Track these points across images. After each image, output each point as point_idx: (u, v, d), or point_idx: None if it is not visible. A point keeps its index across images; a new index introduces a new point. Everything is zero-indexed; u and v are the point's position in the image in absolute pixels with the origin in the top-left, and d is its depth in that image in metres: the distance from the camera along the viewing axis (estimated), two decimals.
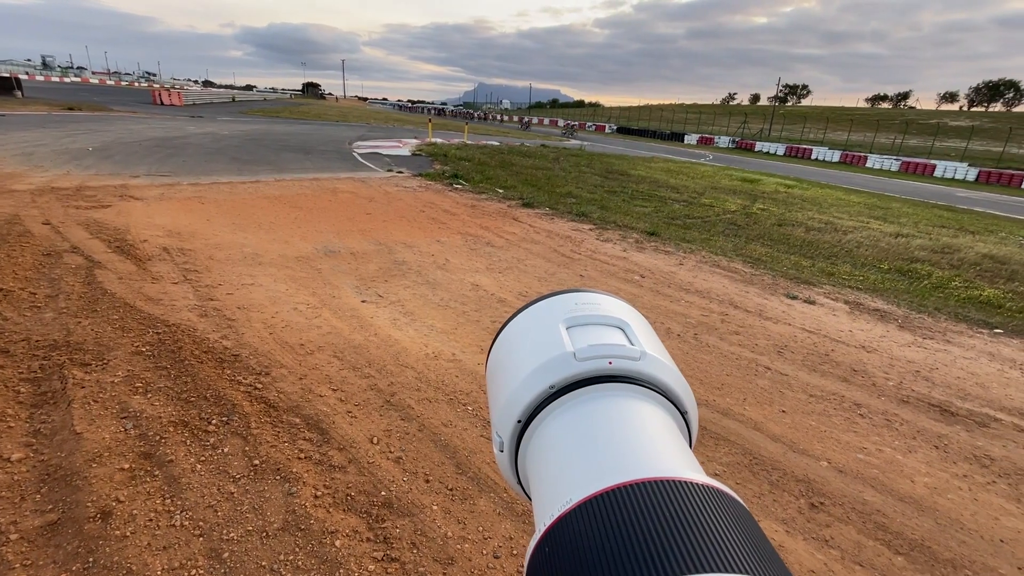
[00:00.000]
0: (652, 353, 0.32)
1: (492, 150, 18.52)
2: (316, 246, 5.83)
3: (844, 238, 9.00)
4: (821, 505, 2.59)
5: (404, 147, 17.46)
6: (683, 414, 0.32)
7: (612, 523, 0.21)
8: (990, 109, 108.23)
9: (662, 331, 4.43)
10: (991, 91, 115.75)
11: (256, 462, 2.47)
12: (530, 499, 0.30)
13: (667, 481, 0.22)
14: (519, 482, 0.33)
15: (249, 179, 9.28)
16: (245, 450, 2.54)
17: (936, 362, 4.34)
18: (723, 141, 44.65)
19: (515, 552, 2.15)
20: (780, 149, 40.91)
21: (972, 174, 30.68)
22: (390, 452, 2.65)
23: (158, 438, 2.55)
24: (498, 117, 61.19)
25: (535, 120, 58.04)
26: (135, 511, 2.13)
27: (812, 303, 5.55)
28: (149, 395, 2.87)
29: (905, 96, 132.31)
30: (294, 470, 2.45)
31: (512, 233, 7.24)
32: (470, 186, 10.68)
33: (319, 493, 2.33)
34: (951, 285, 6.68)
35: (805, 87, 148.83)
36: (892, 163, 34.61)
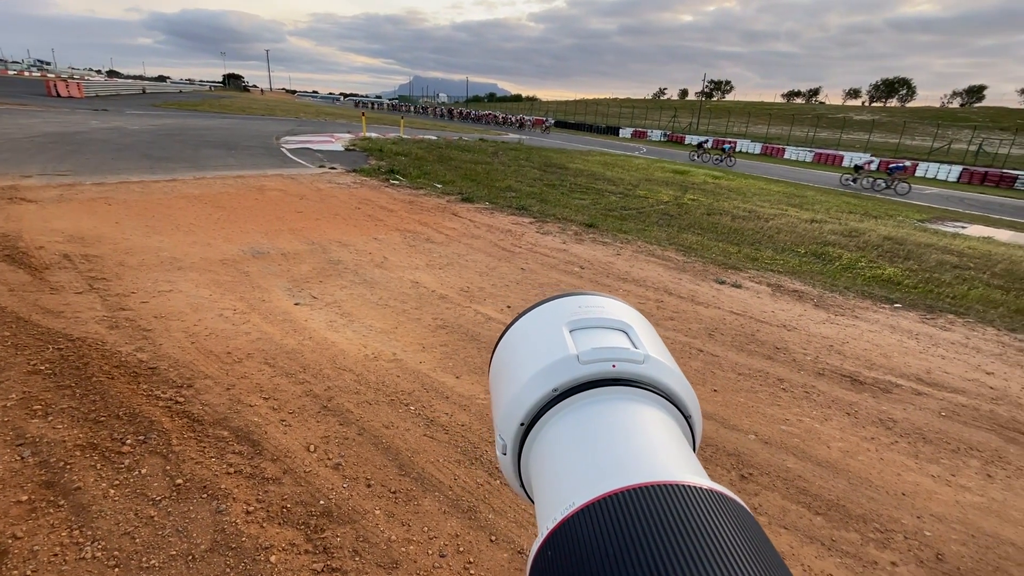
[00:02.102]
0: (655, 356, 0.31)
1: (430, 144, 18.23)
2: (243, 248, 5.50)
3: (766, 225, 9.60)
4: (750, 476, 2.76)
5: (337, 142, 16.82)
6: (687, 418, 0.32)
7: (615, 527, 0.20)
8: (887, 105, 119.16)
9: None
10: (888, 88, 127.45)
11: (179, 481, 2.29)
12: (532, 502, 0.30)
13: (670, 485, 0.22)
14: (522, 485, 0.33)
15: (164, 178, 8.60)
16: (166, 469, 2.35)
17: (846, 336, 4.74)
18: (655, 135, 46.33)
19: (462, 549, 2.13)
20: (708, 142, 42.99)
21: (874, 164, 33.65)
22: (328, 459, 2.55)
23: (62, 464, 2.31)
24: (499, 118, 47.84)
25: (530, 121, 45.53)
26: (36, 547, 1.92)
27: (739, 287, 5.89)
28: (50, 418, 2.60)
29: (816, 92, 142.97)
30: (223, 486, 2.30)
31: (452, 228, 7.17)
32: (408, 181, 10.47)
33: (251, 508, 2.20)
34: (858, 265, 7.30)
35: (728, 83, 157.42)
36: (806, 154, 37.30)
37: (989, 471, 2.96)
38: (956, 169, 29.77)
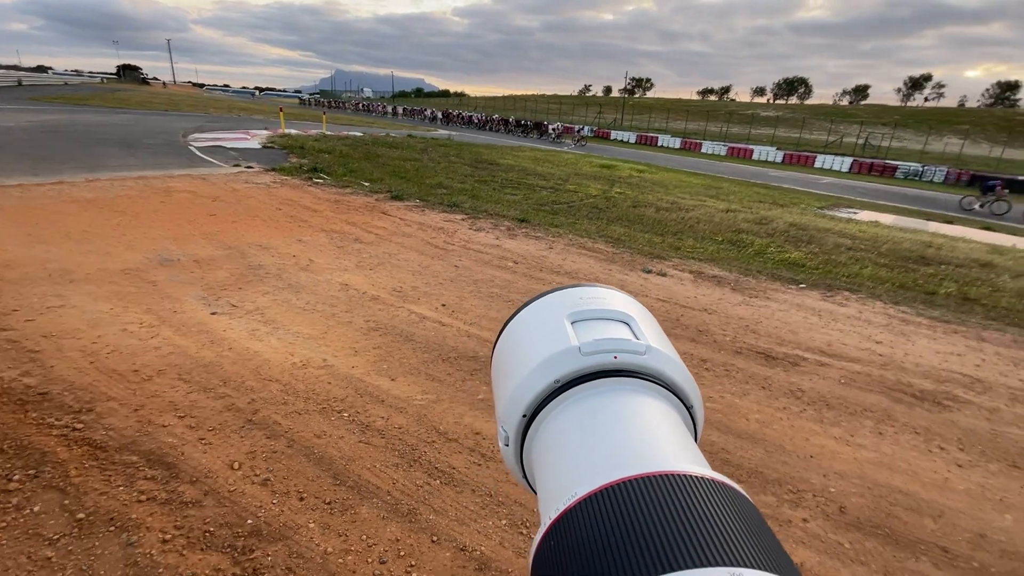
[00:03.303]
0: (657, 347, 0.31)
1: (355, 141, 17.61)
2: (148, 255, 5.04)
3: (687, 215, 10.16)
4: None
5: (253, 139, 15.82)
6: (688, 408, 0.32)
7: (617, 517, 0.20)
8: (789, 102, 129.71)
9: None
10: (789, 86, 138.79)
11: (81, 516, 2.07)
12: (535, 493, 0.30)
13: (672, 475, 0.22)
14: (524, 476, 0.32)
15: (49, 180, 7.69)
16: (64, 504, 2.12)
17: (760, 316, 5.12)
18: (584, 130, 47.60)
19: (403, 553, 2.09)
20: (632, 137, 44.76)
21: (779, 156, 36.56)
22: (255, 475, 2.41)
23: None
24: (509, 123, 39.78)
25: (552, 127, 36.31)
26: None
27: (664, 275, 6.19)
28: None
29: (727, 90, 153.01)
30: (134, 516, 2.11)
31: (382, 228, 6.98)
32: (332, 180, 10.05)
33: (169, 536, 2.04)
34: (768, 251, 7.90)
35: (649, 80, 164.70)
36: (721, 148, 39.81)
37: (880, 429, 3.32)
38: (848, 160, 33.03)
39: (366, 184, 9.92)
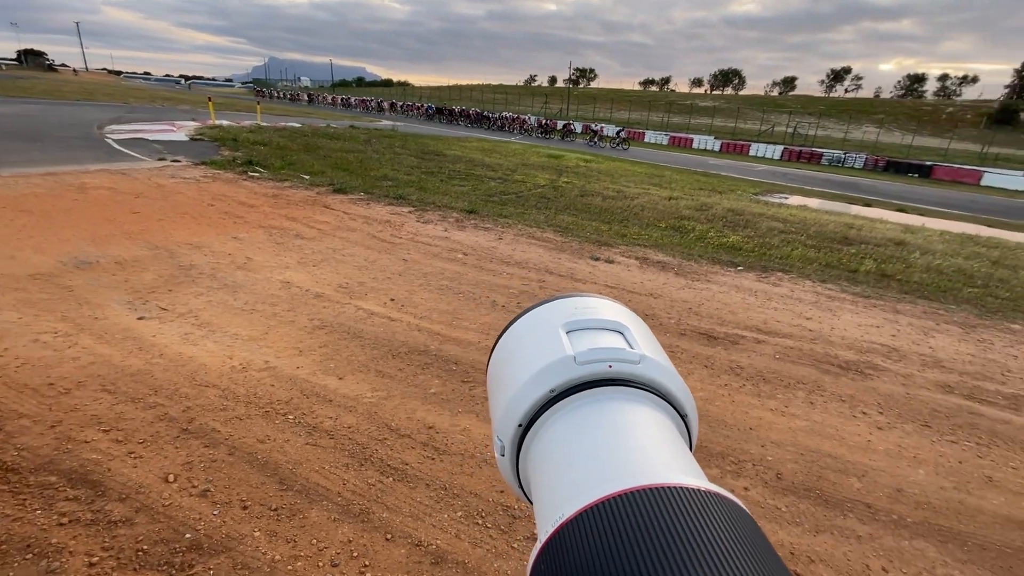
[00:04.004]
0: (651, 356, 0.31)
1: (293, 133, 16.85)
2: (61, 258, 4.63)
3: (632, 203, 10.42)
4: None
5: (179, 131, 14.82)
6: (683, 417, 0.31)
7: (615, 530, 0.20)
8: (724, 92, 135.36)
9: (487, 304, 4.61)
10: (724, 78, 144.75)
11: None
12: (531, 503, 0.30)
13: (669, 488, 0.22)
14: (520, 486, 0.32)
15: None
16: None
17: (702, 299, 5.34)
18: (531, 120, 47.71)
19: (356, 554, 2.04)
20: (577, 127, 45.32)
21: (717, 145, 38.17)
22: (193, 487, 2.27)
23: None
24: (489, 118, 37.27)
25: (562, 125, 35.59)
26: None
27: (611, 262, 6.33)
28: None
29: (667, 81, 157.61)
30: (54, 541, 1.94)
31: (325, 222, 6.73)
32: (270, 173, 9.58)
33: (96, 559, 1.89)
34: (708, 236, 8.24)
35: (593, 71, 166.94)
36: (663, 138, 41.08)
37: (811, 399, 3.55)
38: (779, 148, 34.93)
39: (306, 177, 9.52)
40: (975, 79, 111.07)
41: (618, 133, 31.55)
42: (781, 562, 0.20)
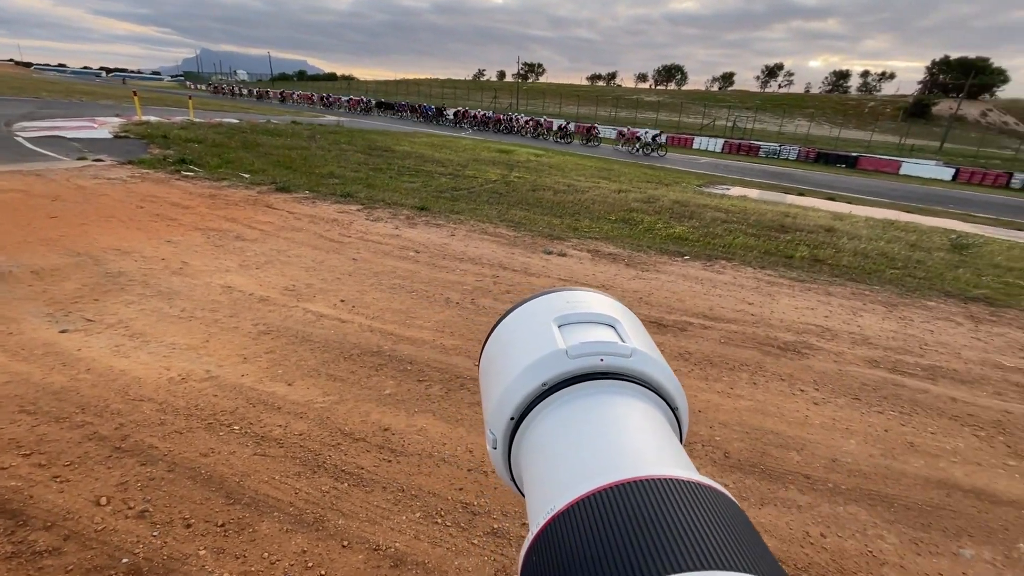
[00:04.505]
0: (642, 350, 0.31)
1: (230, 129, 16.03)
2: None
3: (583, 197, 10.58)
4: None
5: (101, 127, 13.77)
6: (674, 410, 0.32)
7: (605, 522, 0.20)
8: (668, 88, 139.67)
9: (441, 301, 4.56)
10: (667, 73, 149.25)
11: None
12: (523, 495, 0.30)
13: (658, 480, 0.22)
14: (512, 479, 0.32)
15: None
16: None
17: (652, 288, 5.51)
18: (656, 136, 47.29)
19: (311, 564, 1.98)
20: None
21: (663, 139, 39.29)
22: (129, 508, 2.13)
23: None
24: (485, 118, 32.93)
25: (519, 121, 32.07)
26: None
27: (564, 255, 6.41)
28: None
29: (613, 76, 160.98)
30: None
31: (268, 222, 6.44)
32: (206, 172, 9.07)
33: None
34: (656, 227, 8.49)
35: (541, 66, 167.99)
36: (611, 132, 41.87)
37: (754, 380, 3.74)
38: (720, 141, 36.38)
39: (246, 176, 9.08)
40: (892, 75, 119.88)
41: (654, 138, 26.47)
42: (769, 552, 0.20)
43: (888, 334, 4.80)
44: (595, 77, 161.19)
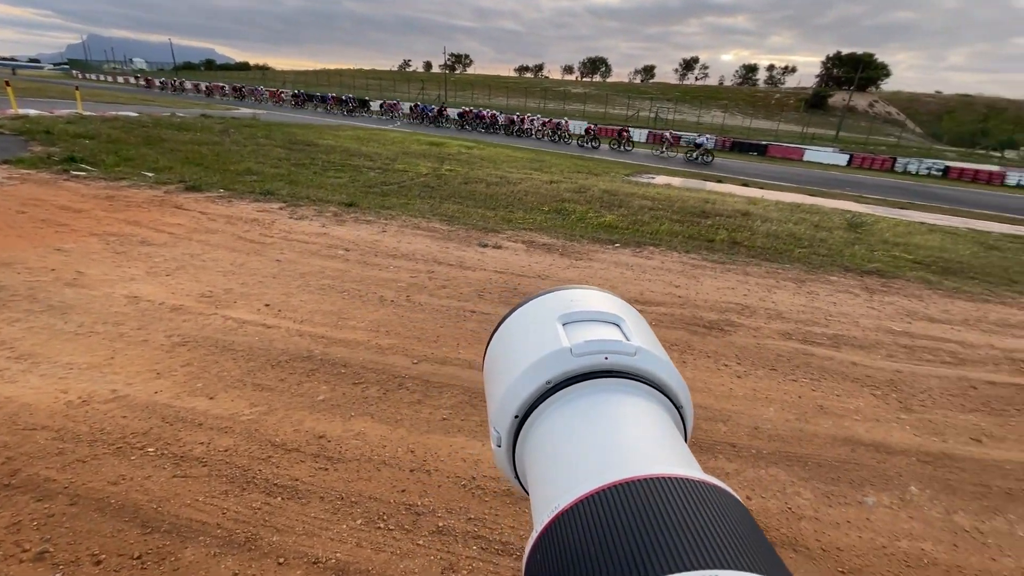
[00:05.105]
0: (647, 348, 0.31)
1: (129, 123, 14.61)
2: None
3: (515, 188, 10.64)
4: None
5: None
6: (678, 409, 0.32)
7: (609, 520, 0.20)
8: (593, 79, 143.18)
9: (375, 300, 4.42)
10: (593, 65, 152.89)
11: None
12: (527, 494, 0.30)
13: (663, 478, 0.22)
14: (516, 477, 0.32)
15: None
16: None
17: (586, 276, 5.65)
18: (406, 107, 46.34)
19: None
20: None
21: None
22: (24, 551, 1.90)
23: None
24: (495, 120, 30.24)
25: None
26: None
27: (499, 248, 6.42)
28: None
29: (540, 68, 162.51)
30: None
31: (178, 224, 5.94)
32: (100, 172, 8.20)
33: None
34: (588, 216, 8.71)
35: (468, 57, 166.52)
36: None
37: (684, 359, 3.94)
38: (644, 132, 37.84)
39: (150, 175, 8.31)
40: (794, 69, 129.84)
41: (697, 145, 23.59)
42: (773, 551, 0.20)
43: (798, 308, 5.23)
44: (523, 69, 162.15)
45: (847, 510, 2.57)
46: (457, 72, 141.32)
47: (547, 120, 29.82)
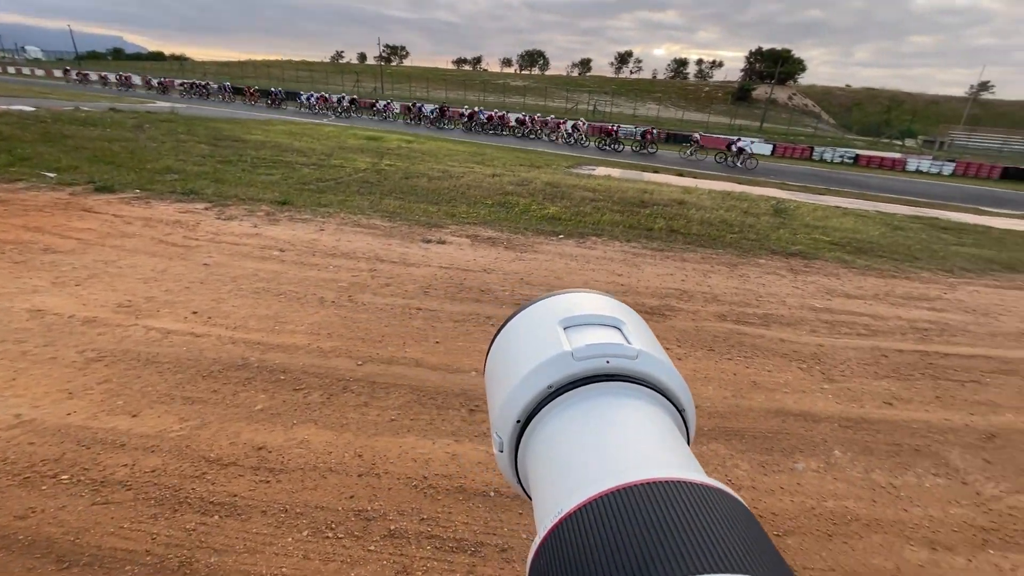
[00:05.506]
0: (648, 351, 0.31)
1: (23, 119, 13.19)
2: None
3: (458, 182, 10.53)
4: (477, 408, 3.08)
5: None
6: (681, 412, 0.32)
7: (614, 525, 0.20)
8: (532, 72, 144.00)
9: (314, 302, 4.25)
10: (531, 58, 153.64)
11: None
12: (530, 499, 0.30)
13: (667, 482, 0.22)
14: (519, 482, 0.32)
15: None
16: None
17: (531, 269, 5.68)
18: (748, 144, 44.58)
19: None
20: (395, 107, 43.96)
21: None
22: None
23: None
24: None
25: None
26: None
27: (443, 243, 6.34)
28: None
29: (479, 60, 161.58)
30: None
31: (88, 229, 5.43)
32: None
33: None
34: (531, 209, 8.76)
35: (404, 48, 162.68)
36: (482, 116, 42.09)
37: None
38: (584, 124, 38.50)
39: (51, 175, 7.55)
40: (721, 64, 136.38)
41: (740, 151, 22.40)
42: (779, 555, 0.20)
43: (732, 291, 5.52)
44: (461, 61, 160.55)
45: (780, 477, 2.75)
46: (394, 64, 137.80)
47: (561, 121, 27.83)
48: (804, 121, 72.07)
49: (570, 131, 26.41)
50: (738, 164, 22.14)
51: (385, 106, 34.16)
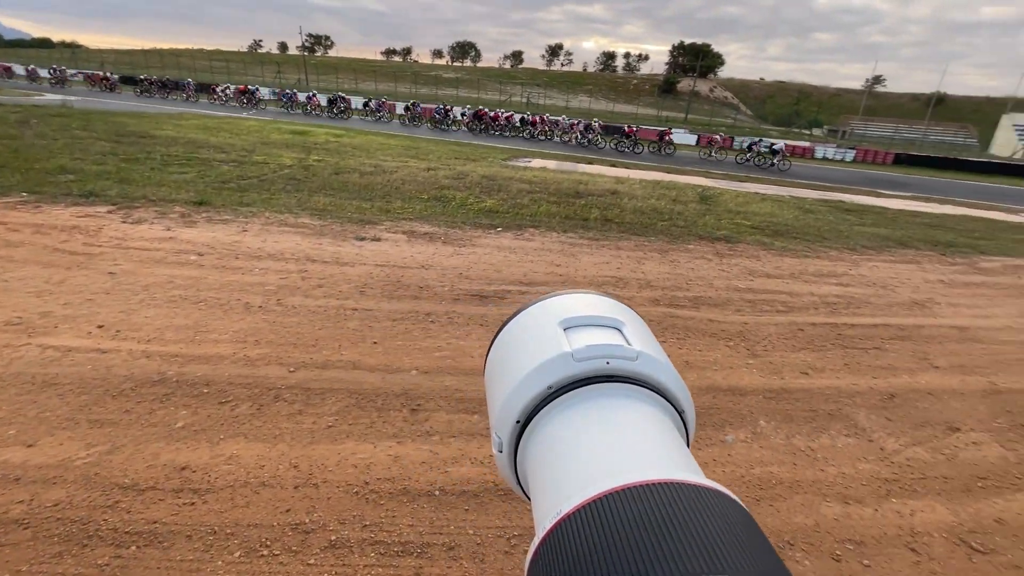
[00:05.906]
0: (648, 353, 0.32)
1: None
2: None
3: (392, 177, 10.25)
4: (419, 407, 3.02)
5: None
6: (680, 413, 0.32)
7: (612, 526, 0.20)
8: (464, 64, 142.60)
9: (239, 308, 3.99)
10: (462, 50, 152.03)
11: None
12: (529, 500, 0.30)
13: (666, 484, 0.22)
14: (519, 483, 0.32)
15: None
16: None
17: (469, 263, 5.64)
18: (264, 92, 42.21)
19: None
20: (321, 100, 42.10)
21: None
22: None
23: None
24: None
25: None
26: None
27: (378, 240, 6.16)
28: None
29: (409, 51, 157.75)
30: None
31: None
32: None
33: None
34: (468, 202, 8.69)
35: (329, 38, 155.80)
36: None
37: None
38: (518, 116, 38.65)
39: None
40: (647, 57, 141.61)
41: (771, 147, 22.11)
42: (777, 557, 0.20)
43: (664, 276, 5.75)
44: (390, 52, 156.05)
45: (713, 450, 2.90)
46: (318, 55, 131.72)
47: (575, 122, 26.75)
48: (724, 113, 76.30)
49: (583, 132, 25.93)
50: (774, 163, 21.71)
51: (308, 98, 32.16)
